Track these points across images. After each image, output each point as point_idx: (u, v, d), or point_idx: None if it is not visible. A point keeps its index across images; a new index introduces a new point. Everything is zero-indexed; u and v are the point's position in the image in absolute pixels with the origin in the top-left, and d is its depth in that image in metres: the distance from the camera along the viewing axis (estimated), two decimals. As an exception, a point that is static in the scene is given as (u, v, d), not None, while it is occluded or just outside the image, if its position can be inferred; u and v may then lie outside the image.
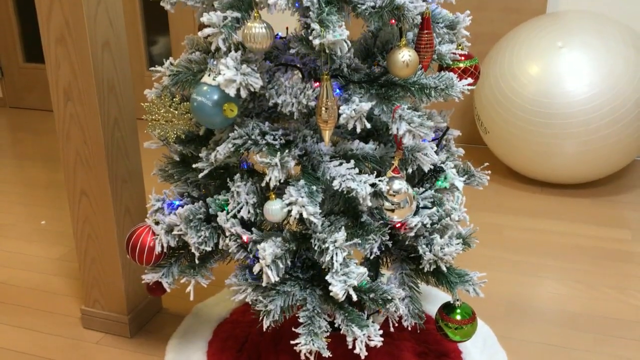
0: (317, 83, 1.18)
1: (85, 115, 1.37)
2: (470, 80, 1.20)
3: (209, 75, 1.09)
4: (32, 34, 3.49)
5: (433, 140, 1.29)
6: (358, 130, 1.07)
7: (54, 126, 2.95)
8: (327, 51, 1.03)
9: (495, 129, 2.32)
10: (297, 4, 1.05)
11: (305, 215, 1.07)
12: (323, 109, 1.06)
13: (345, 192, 1.12)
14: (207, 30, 1.05)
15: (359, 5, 1.05)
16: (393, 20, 1.07)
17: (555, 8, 2.55)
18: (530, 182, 2.48)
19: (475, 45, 2.66)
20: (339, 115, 1.07)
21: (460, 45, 1.23)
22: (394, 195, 1.10)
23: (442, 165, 1.26)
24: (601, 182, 2.46)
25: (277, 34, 1.29)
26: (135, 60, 3.26)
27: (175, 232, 1.22)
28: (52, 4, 1.30)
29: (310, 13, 1.01)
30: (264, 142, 1.14)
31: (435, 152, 1.25)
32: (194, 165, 1.19)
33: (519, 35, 2.27)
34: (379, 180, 1.11)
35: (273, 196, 1.12)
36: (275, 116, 1.28)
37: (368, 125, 1.07)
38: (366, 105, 1.06)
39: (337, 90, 1.14)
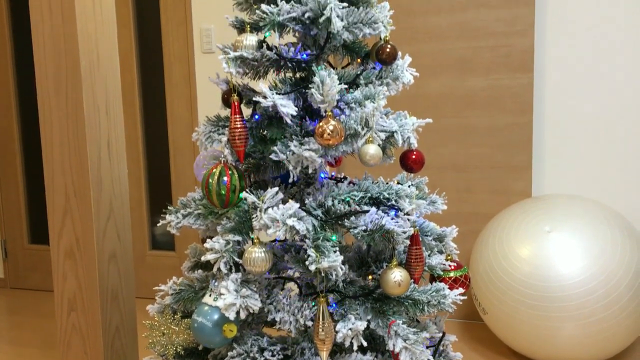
0: (314, 297, 1.22)
1: (88, 326, 1.40)
2: (461, 290, 1.25)
3: (210, 295, 1.14)
4: (39, 216, 3.61)
5: (430, 346, 1.31)
6: (355, 347, 1.10)
7: (55, 309, 2.93)
8: (322, 273, 1.08)
9: (492, 310, 2.33)
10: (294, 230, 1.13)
11: None
12: (320, 329, 1.09)
13: (344, 411, 1.11)
14: (210, 256, 1.11)
15: (352, 229, 1.13)
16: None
17: (540, 191, 2.69)
18: (534, 362, 2.43)
19: (468, 224, 2.76)
20: (336, 332, 1.10)
21: (449, 256, 1.29)
22: (394, 415, 1.10)
23: (441, 374, 1.26)
24: (606, 361, 2.42)
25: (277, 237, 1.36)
26: (138, 240, 3.35)
27: None
28: (64, 221, 1.39)
29: (307, 240, 1.08)
30: (262, 359, 1.16)
31: (433, 361, 1.27)
32: (192, 384, 1.19)
33: (507, 219, 2.37)
34: (378, 399, 1.11)
35: (271, 417, 1.11)
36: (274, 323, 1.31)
37: (364, 343, 1.10)
38: (361, 325, 1.09)
39: (333, 305, 1.18)
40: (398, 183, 1.35)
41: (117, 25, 1.57)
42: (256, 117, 1.21)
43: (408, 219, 1.15)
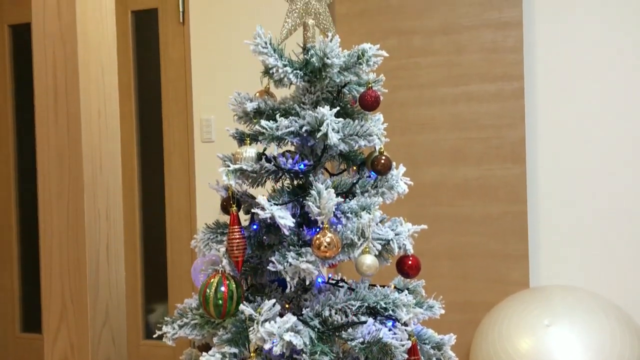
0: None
1: None
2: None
3: (206, 411, 1.12)
4: (33, 304, 3.57)
5: None
6: None
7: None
8: (320, 389, 1.07)
9: (495, 406, 2.27)
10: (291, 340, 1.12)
11: None
12: None
13: None
14: (206, 371, 1.10)
15: (349, 341, 1.13)
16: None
17: (537, 280, 2.69)
18: None
19: (464, 313, 2.74)
20: None
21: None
22: None
23: None
24: None
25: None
26: (132, 328, 3.29)
27: None
28: (60, 327, 1.37)
29: (304, 355, 1.08)
30: None
31: None
32: None
33: (506, 311, 2.35)
34: None
35: None
36: None
37: None
38: None
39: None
40: (395, 287, 1.35)
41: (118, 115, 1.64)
42: (254, 226, 1.23)
43: (405, 330, 1.15)
